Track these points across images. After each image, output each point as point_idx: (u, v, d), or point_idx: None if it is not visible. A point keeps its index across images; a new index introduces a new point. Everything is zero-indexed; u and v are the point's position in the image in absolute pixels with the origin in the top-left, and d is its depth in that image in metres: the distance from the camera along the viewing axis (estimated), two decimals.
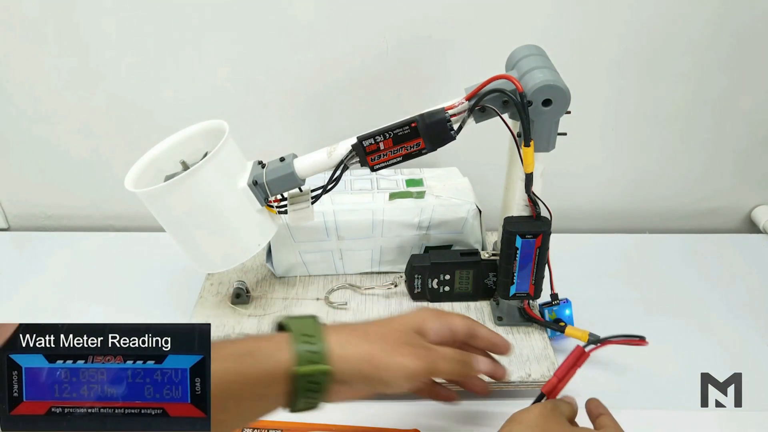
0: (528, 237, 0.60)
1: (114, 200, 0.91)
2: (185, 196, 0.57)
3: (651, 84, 0.81)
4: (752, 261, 0.82)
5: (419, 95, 0.81)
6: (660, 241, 0.87)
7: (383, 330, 0.46)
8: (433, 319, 0.49)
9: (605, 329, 0.66)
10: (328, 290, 0.73)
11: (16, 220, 0.95)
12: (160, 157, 0.62)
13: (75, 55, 0.80)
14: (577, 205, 0.91)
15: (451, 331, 0.49)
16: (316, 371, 0.41)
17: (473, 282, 0.69)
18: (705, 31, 0.77)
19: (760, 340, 0.69)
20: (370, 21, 0.77)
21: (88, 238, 0.89)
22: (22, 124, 0.86)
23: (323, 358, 0.41)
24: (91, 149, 0.88)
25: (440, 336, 0.48)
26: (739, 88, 0.82)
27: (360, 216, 0.71)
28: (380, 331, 0.46)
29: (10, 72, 0.82)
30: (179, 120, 0.63)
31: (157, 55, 0.80)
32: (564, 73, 0.55)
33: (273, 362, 0.41)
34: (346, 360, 0.42)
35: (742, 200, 0.93)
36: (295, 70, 0.81)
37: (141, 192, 0.57)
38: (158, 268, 0.80)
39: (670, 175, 0.90)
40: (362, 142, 0.56)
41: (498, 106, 0.55)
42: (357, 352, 0.43)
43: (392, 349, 0.44)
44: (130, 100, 0.83)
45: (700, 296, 0.75)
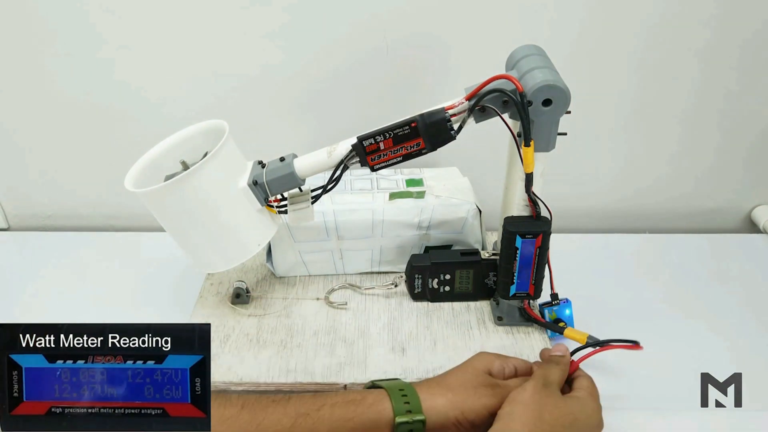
0: (528, 237, 0.60)
1: (114, 200, 0.91)
2: (185, 195, 0.57)
3: (651, 84, 0.81)
4: (752, 261, 0.82)
5: (419, 95, 0.81)
6: (660, 241, 0.87)
7: (460, 379, 0.52)
8: (498, 359, 0.56)
9: (605, 329, 0.66)
10: (328, 290, 0.73)
11: (16, 220, 0.95)
12: (160, 157, 0.62)
13: (74, 55, 0.80)
14: (577, 205, 0.91)
15: (515, 368, 0.56)
16: (414, 420, 0.48)
17: (473, 282, 0.69)
18: (708, 32, 0.77)
19: (760, 340, 0.69)
20: (370, 21, 0.77)
21: (88, 238, 0.89)
22: (22, 123, 0.86)
23: (418, 409, 0.48)
24: (92, 149, 0.88)
25: (507, 374, 0.55)
26: (741, 88, 0.82)
27: (360, 216, 0.71)
28: (458, 380, 0.52)
29: (9, 71, 0.82)
30: (179, 120, 0.63)
31: (157, 55, 0.80)
32: (564, 73, 0.55)
33: (376, 412, 0.48)
34: (436, 409, 0.49)
35: (742, 200, 0.93)
36: (295, 70, 0.81)
37: (141, 192, 0.57)
38: (158, 268, 0.80)
39: (670, 176, 0.90)
40: (362, 142, 0.56)
41: (498, 106, 0.55)
42: (444, 401, 0.50)
43: (473, 393, 0.50)
44: (131, 100, 0.83)
45: (700, 296, 0.75)
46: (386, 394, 0.49)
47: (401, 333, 0.67)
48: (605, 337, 0.59)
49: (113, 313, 0.72)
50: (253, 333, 0.67)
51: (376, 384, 0.53)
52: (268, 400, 0.47)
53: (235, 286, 0.71)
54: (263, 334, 0.67)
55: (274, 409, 0.46)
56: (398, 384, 0.51)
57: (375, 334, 0.67)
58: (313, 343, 0.65)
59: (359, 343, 0.65)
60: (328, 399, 0.48)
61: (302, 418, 0.45)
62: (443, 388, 0.51)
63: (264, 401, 0.46)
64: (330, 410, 0.46)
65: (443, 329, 0.67)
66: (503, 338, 0.66)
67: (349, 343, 0.65)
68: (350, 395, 0.49)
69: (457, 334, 0.67)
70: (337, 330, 0.67)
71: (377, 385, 0.53)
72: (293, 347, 0.65)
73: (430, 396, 0.50)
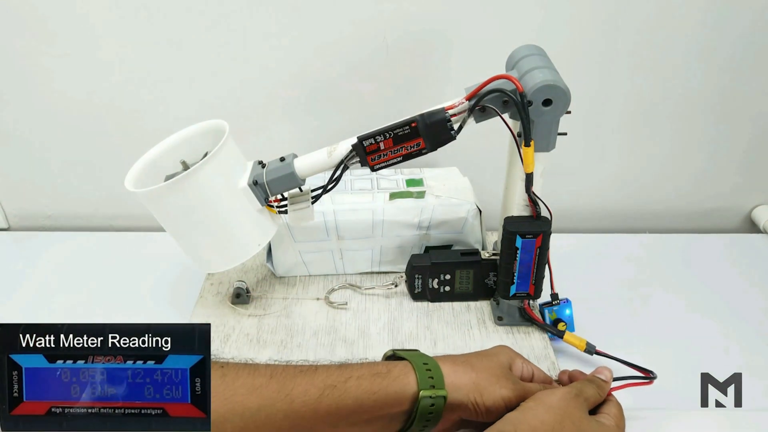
0: (528, 237, 0.60)
1: (114, 200, 0.91)
2: (185, 196, 0.57)
3: (651, 84, 0.81)
4: (752, 261, 0.82)
5: (419, 95, 0.81)
6: (660, 241, 0.87)
7: (485, 364, 0.51)
8: (520, 358, 0.55)
9: (605, 329, 0.66)
10: (329, 290, 0.73)
11: (16, 220, 0.95)
12: (160, 157, 0.62)
13: (74, 55, 0.80)
14: (577, 205, 0.91)
15: (533, 373, 0.55)
16: (436, 395, 0.47)
17: (474, 282, 0.70)
18: (708, 31, 0.77)
19: (760, 340, 0.69)
20: (370, 22, 0.77)
21: (88, 238, 0.89)
22: (22, 123, 0.86)
23: (441, 384, 0.47)
24: (92, 149, 0.88)
25: (524, 375, 0.54)
26: (741, 88, 0.82)
27: (360, 216, 0.71)
28: (482, 364, 0.51)
29: (9, 71, 0.82)
30: (179, 120, 0.63)
31: (157, 55, 0.80)
32: (564, 73, 0.55)
33: (401, 384, 0.47)
34: (457, 388, 0.48)
35: (742, 200, 0.93)
36: (295, 70, 0.81)
37: (141, 192, 0.57)
38: (158, 268, 0.79)
39: (670, 175, 0.90)
40: (362, 141, 0.56)
41: (498, 106, 0.55)
42: (467, 381, 0.49)
43: (495, 381, 0.49)
44: (130, 100, 0.83)
45: (700, 296, 0.75)
46: (411, 367, 0.49)
47: (401, 333, 0.67)
48: (605, 340, 0.60)
49: (113, 313, 0.72)
50: (253, 333, 0.67)
51: (398, 354, 0.52)
52: (296, 370, 0.47)
53: (235, 286, 0.71)
54: (263, 334, 0.67)
55: (301, 379, 0.45)
56: (421, 357, 0.50)
57: (375, 334, 0.67)
58: (313, 343, 0.65)
59: (359, 343, 0.65)
60: (355, 371, 0.47)
61: (329, 389, 0.45)
62: (467, 368, 0.50)
63: (292, 371, 0.46)
64: (356, 382, 0.46)
65: (443, 329, 0.67)
66: (503, 338, 0.66)
67: (349, 343, 0.65)
68: (376, 367, 0.48)
69: (457, 334, 0.67)
70: (337, 330, 0.67)
71: (399, 355, 0.51)
72: (293, 347, 0.65)
73: (453, 372, 0.49)
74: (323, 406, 0.45)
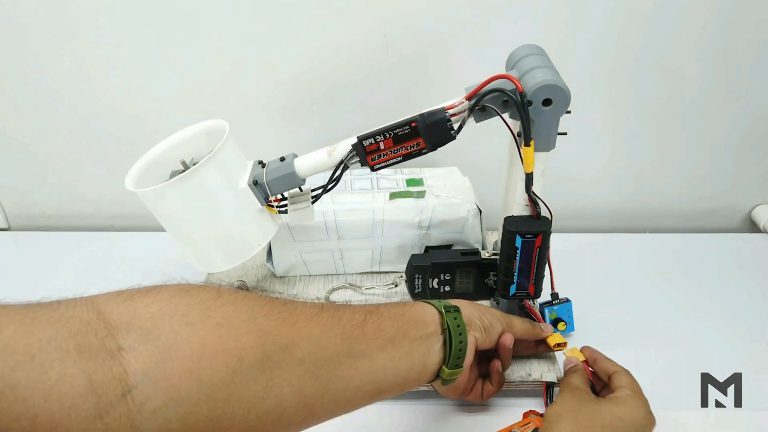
0: (528, 236, 0.60)
1: (114, 200, 0.92)
2: (185, 195, 0.57)
3: (652, 84, 0.82)
4: (752, 261, 0.82)
5: (419, 95, 0.81)
6: (660, 240, 0.87)
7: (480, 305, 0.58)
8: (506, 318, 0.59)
9: (605, 329, 0.66)
10: (329, 290, 0.73)
11: (17, 220, 0.95)
12: (160, 157, 0.62)
13: (73, 55, 0.80)
14: (577, 205, 0.91)
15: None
16: (454, 309, 0.53)
17: (474, 281, 0.69)
18: (707, 31, 0.77)
19: (760, 340, 0.69)
20: (370, 21, 0.77)
21: (88, 238, 0.89)
22: (21, 123, 0.86)
23: (451, 305, 0.53)
24: (91, 149, 0.88)
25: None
26: (740, 88, 0.82)
27: (360, 216, 0.71)
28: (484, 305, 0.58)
29: (9, 71, 0.82)
30: (179, 120, 0.63)
31: (157, 55, 0.80)
32: (564, 72, 0.55)
33: (421, 307, 0.52)
34: (466, 307, 0.55)
35: (742, 200, 0.93)
36: (295, 70, 0.81)
37: (141, 192, 0.57)
38: (158, 268, 0.79)
39: (670, 175, 0.90)
40: (362, 141, 0.56)
41: (498, 105, 0.55)
42: (471, 307, 0.55)
43: (491, 314, 0.56)
44: (130, 100, 0.83)
45: (700, 296, 0.75)
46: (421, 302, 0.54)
47: None
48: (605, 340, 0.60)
49: None
50: None
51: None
52: (335, 304, 0.50)
53: (236, 285, 0.70)
54: None
55: (345, 309, 0.48)
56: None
57: None
58: None
59: None
60: (381, 305, 0.51)
61: (370, 314, 0.48)
62: (466, 302, 0.56)
63: (332, 305, 0.49)
64: (386, 308, 0.50)
65: None
66: None
67: None
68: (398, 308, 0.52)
69: None
70: None
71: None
72: None
73: (457, 303, 0.55)
74: (369, 328, 0.47)
